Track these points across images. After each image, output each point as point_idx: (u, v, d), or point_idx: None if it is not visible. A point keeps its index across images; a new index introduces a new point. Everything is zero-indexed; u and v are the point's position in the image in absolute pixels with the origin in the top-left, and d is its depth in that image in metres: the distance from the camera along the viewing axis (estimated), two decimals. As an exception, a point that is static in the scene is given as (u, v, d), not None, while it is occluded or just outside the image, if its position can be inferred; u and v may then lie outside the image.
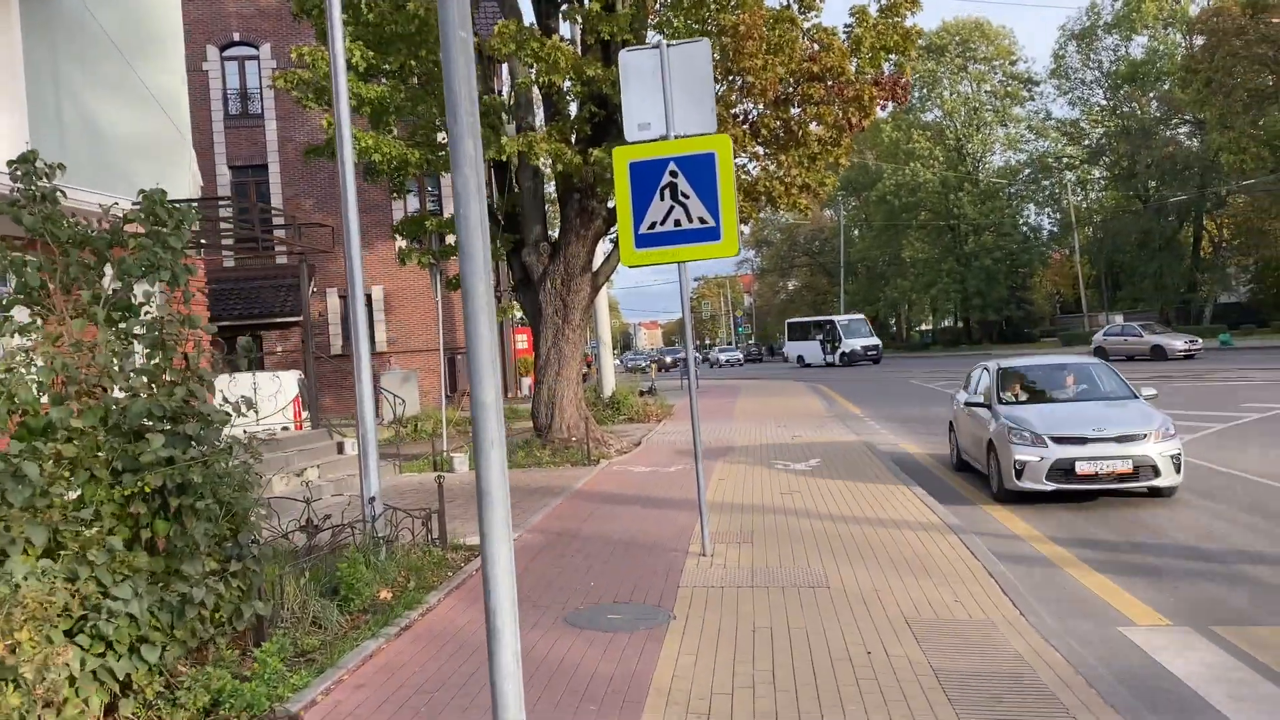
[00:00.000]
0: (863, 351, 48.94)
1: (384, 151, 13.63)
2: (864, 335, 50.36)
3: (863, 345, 49.26)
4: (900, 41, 13.38)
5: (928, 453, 13.49)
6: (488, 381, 2.27)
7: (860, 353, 48.89)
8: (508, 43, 12.59)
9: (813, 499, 9.66)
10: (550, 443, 14.35)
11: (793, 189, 13.25)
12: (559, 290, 14.56)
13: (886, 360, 57.49)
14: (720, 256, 7.18)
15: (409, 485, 12.07)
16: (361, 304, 7.12)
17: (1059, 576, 6.77)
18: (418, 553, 7.18)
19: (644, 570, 6.96)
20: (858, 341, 49.45)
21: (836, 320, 52.24)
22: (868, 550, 7.32)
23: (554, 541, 8.12)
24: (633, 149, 7.19)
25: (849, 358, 48.94)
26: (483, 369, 2.25)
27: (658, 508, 9.62)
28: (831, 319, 52.98)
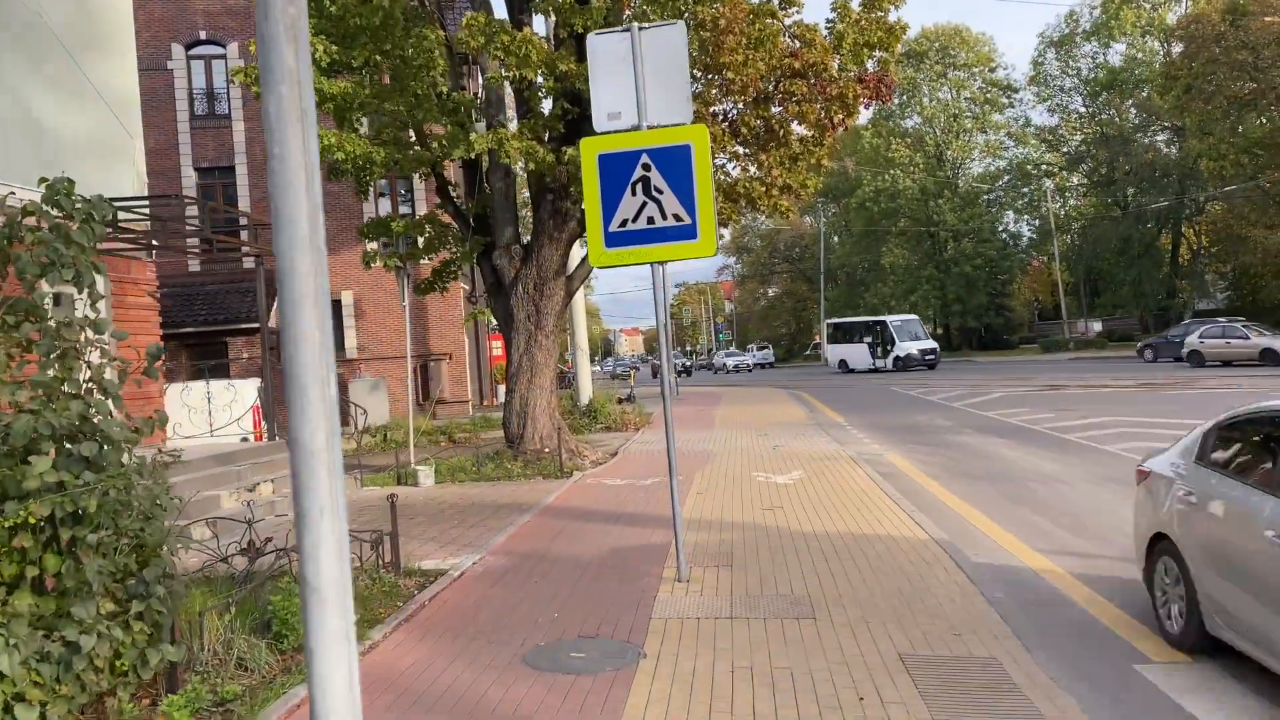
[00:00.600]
0: (919, 356, 43.92)
1: (347, 150, 13.00)
2: (920, 337, 45.59)
3: (919, 349, 44.27)
4: (884, 37, 12.91)
5: (913, 464, 13.00)
6: (314, 411, 1.46)
7: (916, 357, 43.89)
8: (476, 35, 12.01)
9: (795, 515, 9.11)
10: (522, 454, 13.75)
11: (773, 190, 12.74)
12: (531, 295, 13.97)
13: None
14: (697, 257, 6.63)
15: (370, 500, 11.41)
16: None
17: (1063, 605, 6.24)
18: (365, 580, 6.57)
19: (614, 599, 6.38)
20: (913, 345, 44.54)
21: (889, 321, 46.69)
22: (855, 573, 6.77)
23: (518, 565, 7.52)
24: (602, 140, 6.63)
25: (903, 362, 44.00)
26: (306, 390, 1.48)
27: (632, 525, 9.04)
28: (883, 319, 47.46)
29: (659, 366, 38.09)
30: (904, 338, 44.83)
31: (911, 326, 46.27)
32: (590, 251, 6.67)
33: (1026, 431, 16.09)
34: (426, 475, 12.39)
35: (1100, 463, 12.27)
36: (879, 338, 45.88)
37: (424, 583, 6.91)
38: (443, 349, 24.90)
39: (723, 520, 8.96)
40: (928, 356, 43.91)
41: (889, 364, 44.61)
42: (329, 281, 1.69)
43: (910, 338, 44.98)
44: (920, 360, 43.75)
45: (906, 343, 44.47)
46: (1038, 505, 9.70)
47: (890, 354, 44.72)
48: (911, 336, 45.14)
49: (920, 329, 46.80)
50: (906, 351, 44.02)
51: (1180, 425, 15.27)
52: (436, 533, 9.03)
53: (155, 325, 12.33)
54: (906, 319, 47.50)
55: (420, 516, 9.92)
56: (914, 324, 46.92)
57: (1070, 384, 27.28)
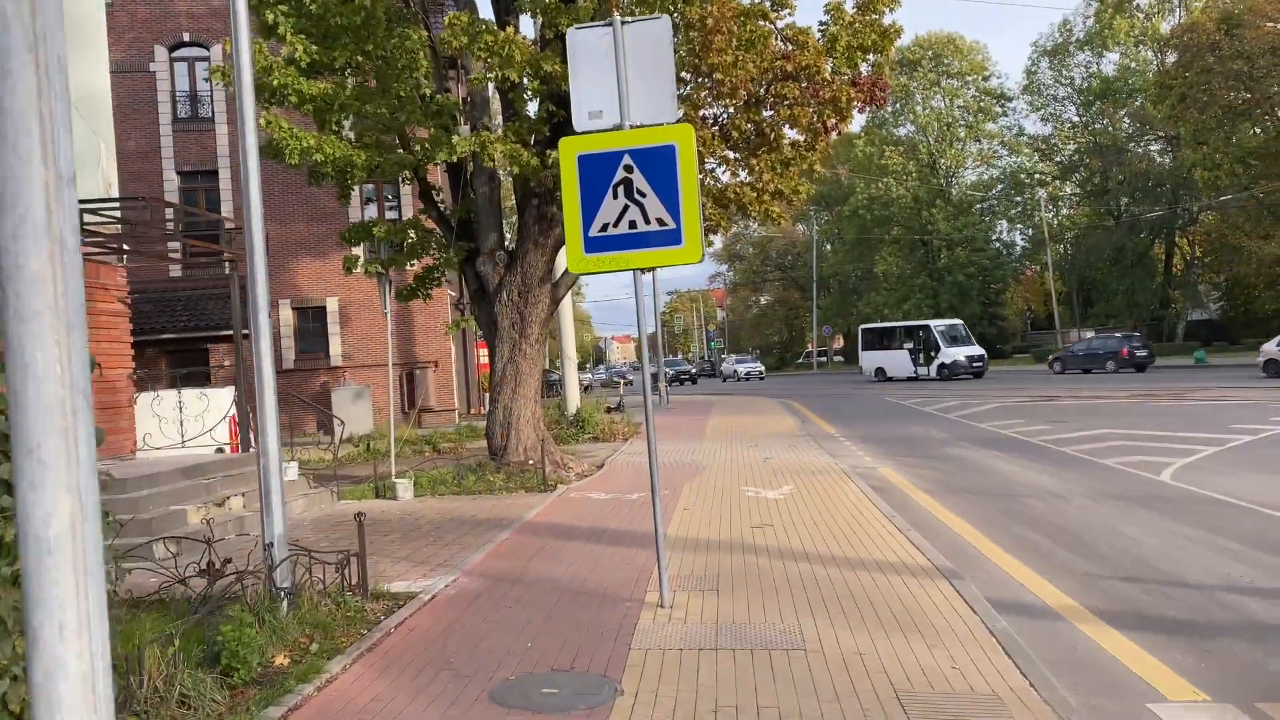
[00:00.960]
0: (966, 363, 40.28)
1: (327, 152, 12.62)
2: (967, 343, 41.99)
3: (966, 355, 40.65)
4: (878, 40, 12.60)
5: (907, 478, 12.65)
6: (50, 481, 1.03)
7: (964, 364, 40.21)
8: (459, 35, 11.67)
9: (786, 534, 8.74)
10: (505, 466, 13.36)
11: (765, 195, 12.41)
12: (516, 302, 13.60)
13: (861, 375, 56.65)
14: (682, 263, 6.27)
15: (345, 515, 11.01)
16: (263, 287, 6.07)
17: (1069, 634, 5.89)
18: (329, 605, 6.17)
19: (592, 626, 6.00)
20: (960, 351, 40.90)
21: (933, 325, 42.85)
22: (849, 599, 6.40)
23: (492, 588, 7.13)
24: (582, 140, 6.27)
25: (949, 370, 40.54)
26: (36, 450, 1.01)
27: (615, 544, 8.66)
28: (926, 324, 43.67)
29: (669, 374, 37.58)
30: (949, 343, 41.46)
31: (956, 331, 42.70)
32: (569, 257, 6.30)
33: (1022, 444, 15.77)
34: (405, 488, 11.99)
35: (1098, 477, 11.95)
36: (921, 343, 42.54)
37: (392, 607, 6.52)
38: (429, 357, 24.51)
39: (709, 539, 8.59)
40: (975, 364, 40.35)
41: (932, 372, 41.48)
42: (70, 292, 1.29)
43: (956, 343, 41.63)
44: (967, 368, 40.22)
45: (952, 349, 41.09)
46: (1036, 523, 9.36)
47: (934, 361, 41.45)
48: (957, 342, 41.75)
49: (966, 333, 43.30)
50: (952, 358, 40.61)
51: (1175, 438, 15.00)
52: (410, 551, 8.64)
53: (126, 332, 11.93)
54: (951, 323, 43.81)
55: (395, 533, 9.53)
56: (958, 328, 43.28)
57: (1065, 395, 27.02)
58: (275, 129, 12.23)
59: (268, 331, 6.14)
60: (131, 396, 11.94)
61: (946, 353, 40.85)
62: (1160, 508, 9.74)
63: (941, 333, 41.80)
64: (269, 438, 6.08)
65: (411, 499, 11.95)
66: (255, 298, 6.00)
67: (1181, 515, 9.27)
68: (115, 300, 11.69)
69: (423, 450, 18.57)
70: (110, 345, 11.52)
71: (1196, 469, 12.02)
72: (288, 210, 24.28)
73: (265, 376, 6.06)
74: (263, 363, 6.06)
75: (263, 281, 6.02)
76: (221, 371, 22.99)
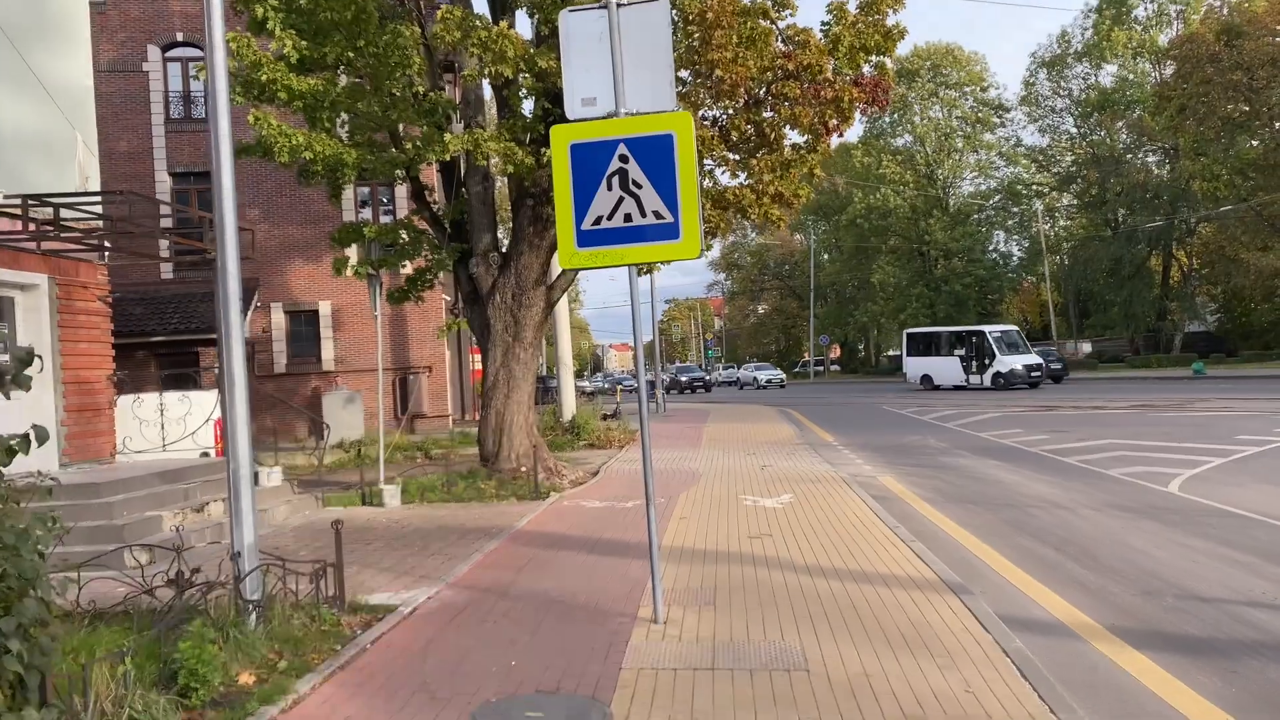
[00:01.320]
0: (1024, 372, 37.49)
1: (317, 150, 12.29)
2: (1024, 350, 39.20)
3: (1024, 364, 37.79)
4: (881, 42, 12.32)
5: (908, 487, 12.33)
6: None
7: (1021, 373, 37.46)
8: (452, 30, 11.35)
9: (785, 544, 8.41)
10: (497, 473, 13.02)
11: (764, 198, 12.10)
12: (509, 305, 13.28)
13: (858, 384, 56.17)
14: (680, 259, 5.95)
15: (329, 522, 10.65)
16: (234, 278, 5.73)
17: (1088, 654, 5.55)
18: (302, 619, 5.82)
19: (581, 643, 5.66)
20: (1017, 359, 38.10)
21: (988, 331, 39.70)
22: (853, 615, 6.07)
23: (477, 601, 6.78)
24: (575, 128, 5.95)
25: (1005, 379, 37.74)
26: None
27: (608, 555, 8.32)
28: (980, 329, 40.53)
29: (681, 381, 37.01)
30: (1005, 350, 38.61)
31: (1012, 337, 39.88)
32: (560, 252, 5.98)
33: (1023, 454, 15.46)
34: (393, 495, 11.63)
35: (1102, 487, 11.65)
36: (974, 350, 39.64)
37: (370, 620, 6.17)
38: (423, 362, 24.16)
39: (706, 550, 8.25)
40: (1033, 373, 37.66)
41: (986, 380, 38.61)
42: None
43: (1012, 350, 38.79)
44: (1025, 377, 37.49)
45: (1009, 356, 38.24)
46: (1042, 534, 9.04)
47: (989, 369, 38.54)
48: (1014, 349, 38.95)
49: (1022, 339, 40.44)
50: (1009, 366, 37.80)
51: (1179, 448, 14.70)
52: (394, 561, 8.29)
53: (106, 332, 11.59)
54: (1006, 328, 40.96)
55: (378, 541, 9.17)
56: (1014, 334, 40.44)
57: (1063, 405, 26.74)
58: (264, 126, 11.91)
59: (239, 330, 5.81)
60: (111, 399, 11.59)
61: (1003, 360, 38.12)
62: (1168, 519, 9.43)
63: (997, 339, 39.06)
64: (239, 442, 5.74)
65: (399, 506, 11.60)
66: (226, 294, 5.67)
67: (1191, 527, 8.97)
68: (95, 299, 11.35)
69: (414, 456, 18.20)
70: (90, 345, 11.18)
71: (1204, 480, 11.72)
72: (281, 212, 23.95)
73: (236, 377, 5.72)
74: (233, 363, 5.73)
75: (234, 276, 5.69)
76: (210, 375, 22.63)
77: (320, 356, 23.72)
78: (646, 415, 6.06)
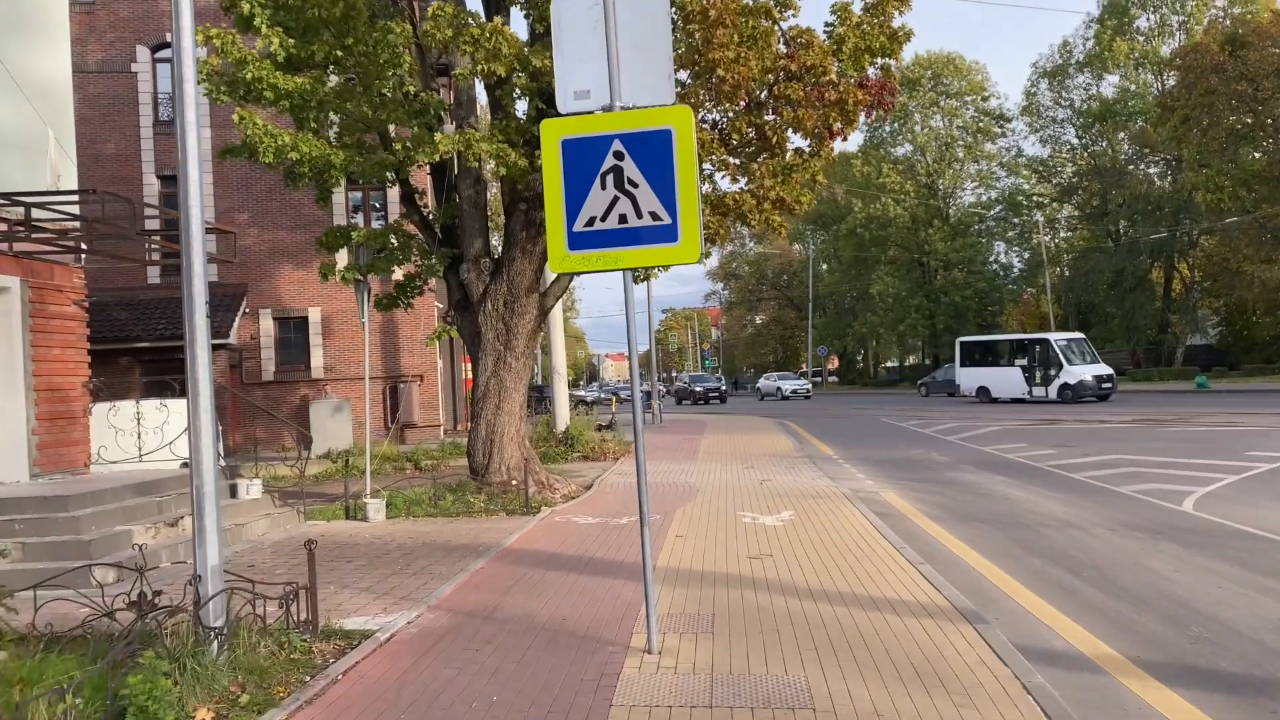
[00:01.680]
0: (1094, 384, 34.30)
1: (303, 151, 11.91)
2: (1092, 360, 35.79)
3: (1094, 375, 34.56)
4: (886, 43, 11.95)
5: (912, 504, 11.92)
6: None
7: (1091, 385, 34.27)
8: (443, 27, 11.00)
9: (787, 566, 8.00)
10: (487, 486, 12.60)
11: (765, 203, 11.72)
12: (501, 312, 12.89)
13: (854, 395, 55.73)
14: (678, 263, 5.56)
15: (308, 537, 10.22)
16: (199, 278, 5.31)
17: (1115, 691, 5.15)
18: (270, 646, 5.40)
19: (569, 676, 5.24)
20: (1086, 370, 34.84)
21: (1053, 339, 36.30)
22: (860, 646, 5.66)
23: (459, 626, 6.36)
24: (567, 122, 5.56)
25: (1074, 391, 34.53)
26: None
27: (600, 575, 7.90)
28: (1045, 337, 37.34)
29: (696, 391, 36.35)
30: (1073, 359, 35.36)
31: (1081, 347, 36.46)
32: (550, 254, 5.58)
33: (1029, 469, 15.07)
34: (377, 510, 11.20)
35: (1114, 505, 11.25)
36: (1038, 359, 36.48)
37: (344, 647, 5.75)
38: (414, 370, 23.74)
39: (703, 572, 7.83)
40: (1104, 385, 34.51)
41: (1052, 393, 35.45)
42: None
43: (1081, 360, 35.51)
44: (1095, 389, 34.34)
45: (1078, 366, 35.03)
46: (1056, 556, 8.64)
47: (1055, 380, 35.37)
48: (1082, 359, 35.64)
49: (1090, 349, 36.88)
50: (1078, 378, 34.58)
51: (1190, 464, 14.32)
52: (374, 580, 7.86)
53: (82, 338, 11.16)
54: (1073, 337, 37.60)
55: (360, 559, 8.75)
56: (1082, 344, 36.88)
57: (1066, 418, 26.38)
58: (249, 126, 11.53)
59: (205, 334, 5.40)
60: (87, 406, 11.17)
61: (1071, 371, 34.88)
62: (1186, 540, 9.04)
63: (1063, 347, 35.70)
64: (203, 455, 5.32)
65: (384, 520, 11.18)
66: (191, 295, 5.27)
67: (1211, 549, 8.57)
68: (71, 303, 10.94)
69: (404, 467, 17.81)
70: (64, 351, 10.76)
71: (1218, 498, 11.33)
72: (271, 216, 23.56)
73: (201, 384, 5.31)
74: (198, 369, 5.32)
75: (200, 276, 5.29)
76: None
77: (310, 364, 23.30)
78: (641, 430, 5.65)
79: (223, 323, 21.70)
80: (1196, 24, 50.63)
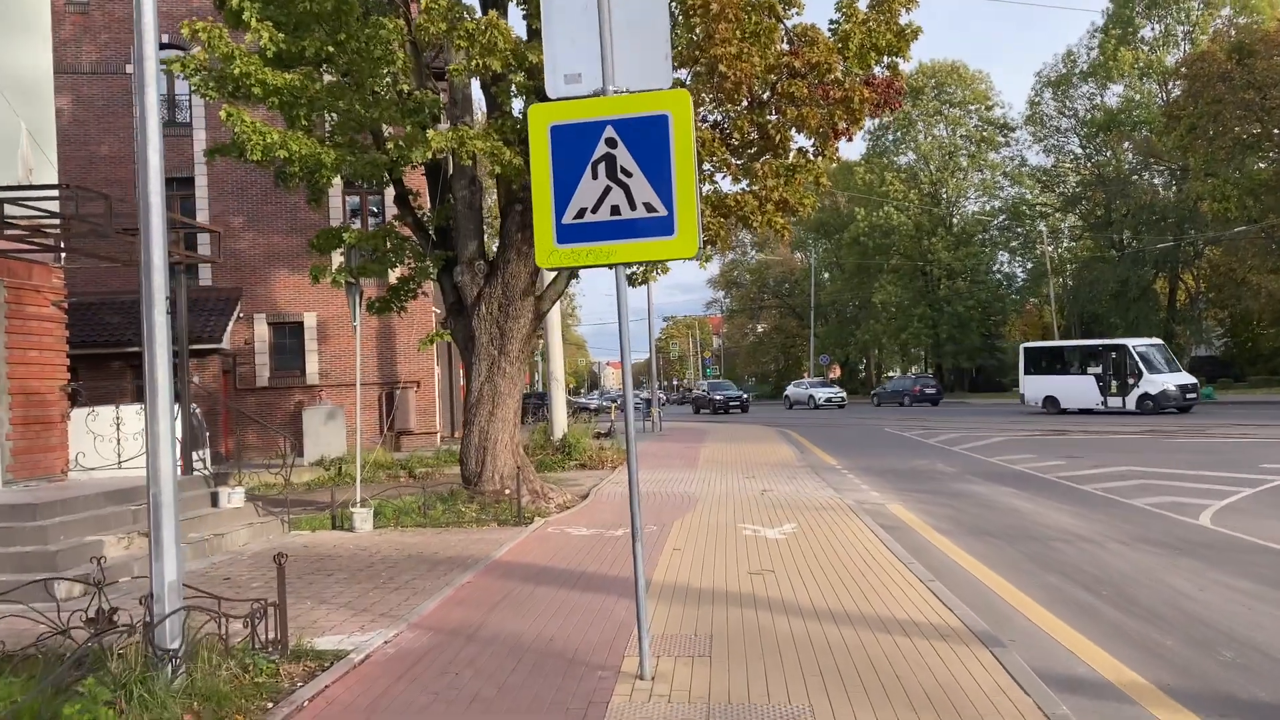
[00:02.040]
0: (1178, 393, 31.40)
1: (292, 149, 11.54)
2: (1174, 368, 33.19)
3: (1177, 384, 31.68)
4: (894, 41, 11.60)
5: (919, 516, 11.52)
6: None
7: (1175, 394, 31.37)
8: (437, 20, 10.65)
9: (789, 582, 7.60)
10: (479, 495, 12.21)
11: (768, 205, 11.35)
12: (495, 316, 12.51)
13: (855, 404, 55.31)
14: (674, 257, 5.18)
15: (294, 547, 9.84)
16: (159, 271, 4.94)
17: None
18: (233, 669, 5.01)
19: (555, 704, 4.84)
20: (1168, 378, 31.95)
21: (1131, 345, 33.37)
22: (869, 671, 5.26)
23: (440, 646, 5.96)
24: (556, 107, 5.20)
25: (1155, 402, 31.60)
26: None
27: (592, 591, 7.50)
28: (1122, 342, 34.21)
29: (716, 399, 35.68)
30: (1153, 368, 32.49)
31: (1161, 352, 33.70)
32: (538, 249, 5.20)
33: (1038, 480, 14.67)
34: (364, 519, 10.81)
35: (1127, 518, 10.86)
36: (1114, 367, 33.51)
37: (313, 670, 5.36)
38: (411, 376, 23.36)
39: (701, 588, 7.43)
40: (1189, 395, 31.77)
41: (1130, 403, 32.52)
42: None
43: (1162, 367, 32.76)
44: (1178, 399, 31.44)
45: (1158, 375, 32.15)
46: (1070, 571, 8.24)
47: (1133, 390, 32.48)
48: (1163, 367, 32.84)
49: (1171, 357, 34.24)
50: (1160, 387, 31.64)
51: (1203, 477, 13.91)
52: (354, 595, 7.46)
53: (61, 340, 10.80)
54: (1151, 343, 34.48)
55: (341, 572, 8.36)
56: (1161, 348, 34.15)
57: (1073, 429, 25.97)
58: (236, 122, 11.18)
59: (164, 332, 5.02)
60: (65, 411, 10.79)
61: (1152, 380, 32.00)
62: (1206, 556, 8.64)
63: (1142, 353, 32.82)
64: (160, 460, 4.93)
65: (370, 531, 10.79)
66: (149, 290, 4.90)
67: (1234, 566, 8.17)
68: (49, 304, 10.57)
69: (398, 475, 17.42)
70: (41, 354, 10.39)
71: (1236, 512, 10.93)
72: (266, 220, 23.21)
73: (159, 385, 4.93)
74: (156, 368, 4.94)
75: (159, 269, 4.92)
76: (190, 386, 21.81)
77: (305, 370, 22.92)
78: (634, 439, 5.26)
79: (216, 327, 21.34)
80: (1202, 33, 50.34)
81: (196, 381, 20.86)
